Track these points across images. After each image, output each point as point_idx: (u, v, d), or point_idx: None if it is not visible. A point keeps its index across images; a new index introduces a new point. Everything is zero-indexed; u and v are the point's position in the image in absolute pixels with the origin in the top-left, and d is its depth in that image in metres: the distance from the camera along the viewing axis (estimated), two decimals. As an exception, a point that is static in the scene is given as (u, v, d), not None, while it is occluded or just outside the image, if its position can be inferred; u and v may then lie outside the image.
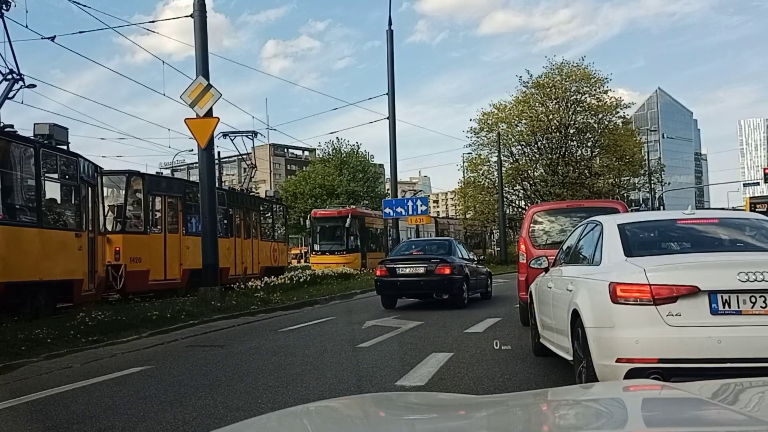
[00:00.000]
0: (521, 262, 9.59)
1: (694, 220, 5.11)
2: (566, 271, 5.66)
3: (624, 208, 9.89)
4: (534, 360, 6.63)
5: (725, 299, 4.01)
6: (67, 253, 11.38)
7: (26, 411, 5.23)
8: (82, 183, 12.25)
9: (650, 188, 48.06)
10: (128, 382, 6.22)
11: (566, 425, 1.65)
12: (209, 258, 13.37)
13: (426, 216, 25.74)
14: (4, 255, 9.72)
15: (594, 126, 39.86)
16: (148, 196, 16.08)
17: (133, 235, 15.43)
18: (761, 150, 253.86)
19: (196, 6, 13.60)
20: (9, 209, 10.29)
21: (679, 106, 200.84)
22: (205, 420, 4.62)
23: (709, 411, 1.58)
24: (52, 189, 11.66)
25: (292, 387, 5.74)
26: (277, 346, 8.34)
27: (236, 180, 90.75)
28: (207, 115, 13.23)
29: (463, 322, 10.17)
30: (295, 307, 13.97)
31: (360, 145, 67.00)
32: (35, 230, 10.58)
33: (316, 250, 32.13)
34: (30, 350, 7.76)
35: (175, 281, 16.33)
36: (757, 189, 72.66)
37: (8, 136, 10.37)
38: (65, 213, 12.10)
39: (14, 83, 11.13)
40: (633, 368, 4.04)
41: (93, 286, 12.34)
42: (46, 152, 11.12)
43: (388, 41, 24.89)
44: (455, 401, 2.11)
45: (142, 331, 9.61)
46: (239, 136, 22.29)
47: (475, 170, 41.36)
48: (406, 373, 6.12)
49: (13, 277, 9.84)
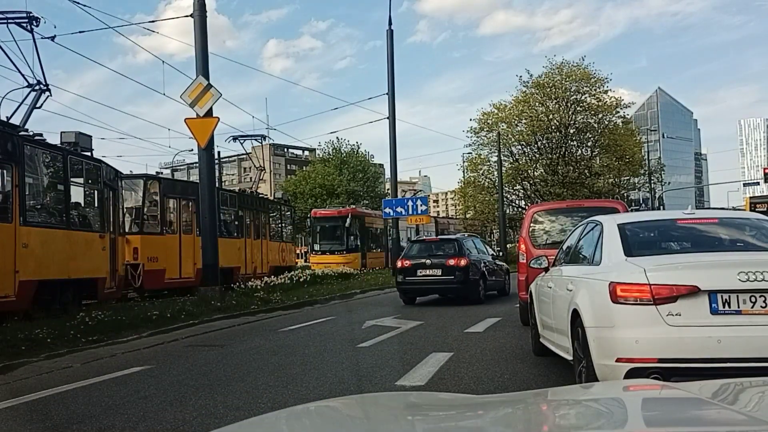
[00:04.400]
0: (521, 261, 9.59)
1: (694, 220, 5.11)
2: (566, 271, 5.66)
3: (624, 207, 9.88)
4: (534, 360, 6.63)
5: (725, 299, 4.01)
6: (91, 253, 12.09)
7: (26, 411, 5.23)
8: (105, 187, 13.04)
9: (650, 188, 48.05)
10: (128, 382, 6.22)
11: (566, 425, 1.65)
12: (209, 258, 13.38)
13: (426, 216, 25.75)
14: (38, 255, 10.43)
15: (594, 126, 39.82)
16: (164, 198, 16.92)
17: (150, 235, 16.29)
18: (761, 150, 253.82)
19: (196, 6, 13.59)
20: (41, 212, 11.10)
21: (679, 106, 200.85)
22: (205, 420, 4.62)
23: (709, 411, 1.58)
24: (78, 193, 12.34)
25: (292, 387, 5.74)
26: (277, 346, 8.34)
27: (236, 180, 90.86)
28: (207, 114, 13.23)
29: (463, 322, 10.17)
30: (295, 307, 13.96)
31: (360, 145, 66.91)
32: (64, 231, 11.29)
33: (316, 249, 32.14)
34: (30, 350, 7.76)
35: (189, 279, 16.84)
36: (757, 189, 72.59)
37: (41, 145, 11.03)
38: (90, 215, 12.78)
39: (41, 93, 11.79)
40: (633, 368, 4.04)
41: (114, 284, 13.12)
42: (73, 159, 11.83)
43: (388, 41, 24.91)
44: (455, 401, 2.11)
45: (142, 331, 9.61)
46: (249, 139, 22.57)
47: (475, 170, 41.33)
48: (406, 373, 6.12)
49: (45, 275, 10.56)
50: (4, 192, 10.04)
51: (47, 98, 11.96)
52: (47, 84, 11.81)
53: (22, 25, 11.54)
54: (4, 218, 9.72)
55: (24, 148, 10.30)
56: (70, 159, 11.65)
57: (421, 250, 14.50)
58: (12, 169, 9.95)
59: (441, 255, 13.88)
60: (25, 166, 10.25)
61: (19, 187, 9.97)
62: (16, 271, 9.71)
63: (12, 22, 11.48)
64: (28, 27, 11.56)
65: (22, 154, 10.20)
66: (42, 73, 11.89)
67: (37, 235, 10.44)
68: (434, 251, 14.26)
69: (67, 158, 11.53)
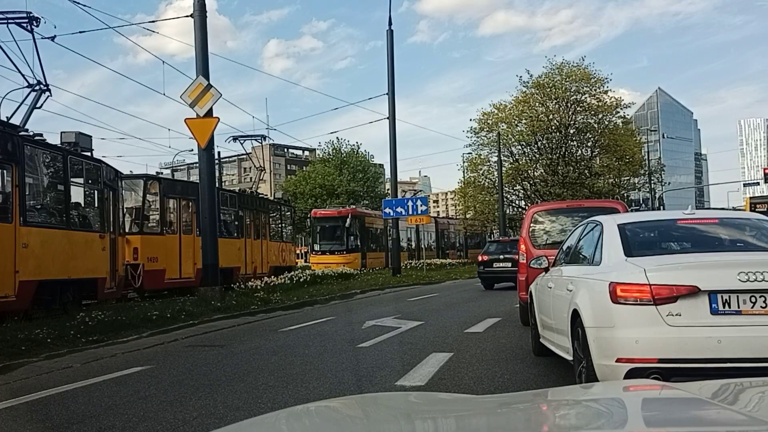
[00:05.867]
0: (521, 262, 9.59)
1: (694, 220, 5.11)
2: (566, 271, 5.65)
3: (624, 208, 9.89)
4: (534, 360, 6.63)
5: (725, 299, 4.01)
6: (91, 253, 12.12)
7: (26, 411, 5.23)
8: (105, 187, 13.07)
9: (650, 188, 48.03)
10: (128, 382, 6.22)
11: (566, 425, 1.65)
12: (209, 258, 13.39)
13: (426, 216, 25.78)
14: (38, 255, 10.45)
15: (594, 126, 39.78)
16: (164, 198, 16.97)
17: (150, 235, 16.36)
18: (761, 150, 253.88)
19: (196, 6, 13.61)
20: (41, 212, 11.11)
21: (679, 106, 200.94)
22: (205, 420, 4.62)
23: (709, 411, 1.57)
24: (78, 193, 12.38)
25: (292, 387, 5.73)
26: (277, 346, 8.34)
27: (236, 180, 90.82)
28: (207, 115, 13.24)
29: (463, 322, 10.17)
30: (295, 307, 13.96)
31: (360, 145, 66.97)
32: (64, 232, 11.33)
33: (316, 249, 32.15)
34: (30, 350, 7.75)
35: (189, 279, 16.88)
36: (757, 189, 72.68)
37: (41, 145, 11.05)
38: (90, 215, 12.83)
39: (41, 94, 11.83)
40: (633, 368, 4.04)
41: (114, 284, 13.16)
42: (73, 159, 11.91)
43: (388, 41, 24.93)
44: (455, 401, 2.11)
45: (142, 331, 9.60)
46: (249, 139, 22.61)
47: (475, 170, 41.30)
48: (406, 373, 6.11)
49: (45, 275, 10.59)
50: (4, 192, 10.06)
51: (47, 98, 12.02)
52: (47, 84, 11.87)
53: (22, 25, 11.56)
54: (4, 218, 9.74)
55: (24, 148, 10.31)
56: (70, 159, 11.69)
57: (497, 248, 19.48)
58: (12, 169, 9.96)
59: (511, 252, 17.18)
60: (25, 166, 10.26)
61: (19, 187, 9.98)
62: (16, 271, 9.73)
63: (12, 22, 11.50)
64: (28, 27, 11.58)
65: (22, 154, 10.22)
66: (42, 73, 11.95)
67: (37, 235, 10.46)
68: (506, 249, 18.57)
69: (67, 158, 11.57)
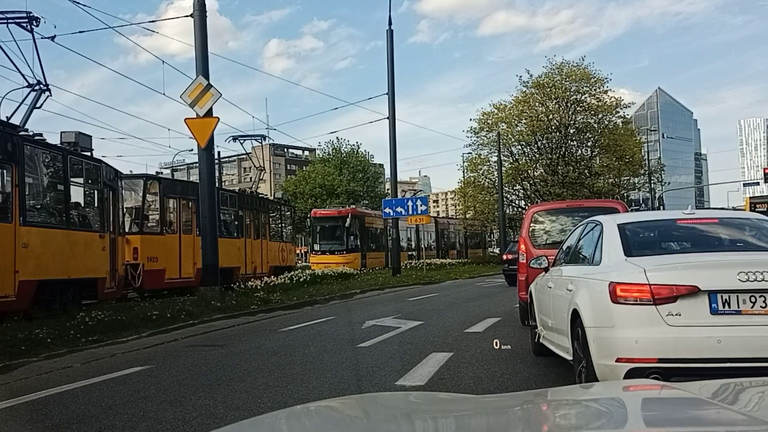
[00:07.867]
0: (521, 261, 9.58)
1: (694, 220, 5.11)
2: (566, 271, 5.65)
3: (624, 208, 9.88)
4: (534, 360, 6.63)
5: (725, 299, 4.01)
6: (91, 253, 12.13)
7: (26, 411, 5.23)
8: (105, 187, 13.08)
9: (650, 188, 48.05)
10: (128, 382, 6.22)
11: (566, 425, 1.65)
12: (209, 258, 13.38)
13: (426, 216, 25.79)
14: (38, 254, 10.45)
15: (594, 126, 39.79)
16: (164, 198, 16.96)
17: (150, 235, 16.35)
18: (761, 150, 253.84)
19: (196, 6, 13.59)
20: (41, 212, 11.12)
21: (679, 106, 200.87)
22: (205, 420, 4.62)
23: (709, 411, 1.57)
24: (78, 193, 12.37)
25: (292, 387, 5.74)
26: (277, 346, 8.34)
27: (236, 180, 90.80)
28: (207, 114, 13.23)
29: (463, 322, 10.17)
30: (295, 307, 13.96)
31: (360, 145, 66.96)
32: (64, 231, 11.33)
33: (316, 249, 32.14)
34: (30, 350, 7.75)
35: (189, 279, 16.88)
36: (757, 189, 72.63)
37: (41, 145, 11.06)
38: (90, 215, 12.83)
39: (41, 94, 11.83)
40: (633, 368, 4.04)
41: (114, 284, 13.17)
42: (72, 159, 11.88)
43: (388, 41, 24.93)
44: (455, 401, 2.11)
45: (142, 331, 9.60)
46: (249, 139, 22.62)
47: (475, 170, 41.31)
48: (406, 373, 6.12)
49: (45, 275, 10.58)
50: (4, 192, 10.06)
51: (47, 98, 12.01)
52: (47, 84, 11.86)
53: (22, 25, 11.56)
54: (4, 218, 9.74)
55: (24, 148, 10.32)
56: (70, 159, 11.69)
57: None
58: (12, 169, 9.96)
59: None
60: (25, 166, 10.26)
61: (19, 187, 9.98)
62: (16, 271, 9.73)
63: (12, 22, 11.50)
64: (28, 27, 11.58)
65: (22, 154, 10.22)
66: (42, 73, 11.94)
67: (37, 235, 10.46)
68: None
69: (67, 158, 11.58)
